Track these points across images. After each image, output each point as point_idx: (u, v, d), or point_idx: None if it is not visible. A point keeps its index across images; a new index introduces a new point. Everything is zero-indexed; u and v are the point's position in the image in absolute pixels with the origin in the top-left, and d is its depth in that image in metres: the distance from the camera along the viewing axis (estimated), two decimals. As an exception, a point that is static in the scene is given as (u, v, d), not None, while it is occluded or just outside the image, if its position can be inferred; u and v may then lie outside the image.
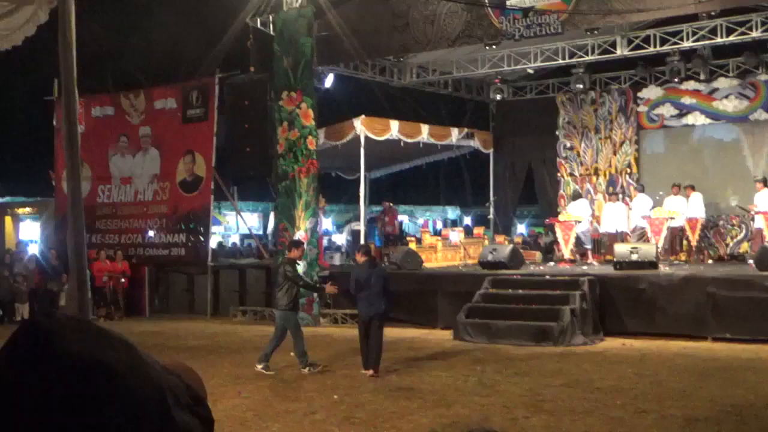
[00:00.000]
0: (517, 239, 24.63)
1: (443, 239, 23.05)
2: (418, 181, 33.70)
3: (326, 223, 28.69)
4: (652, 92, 23.21)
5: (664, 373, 12.25)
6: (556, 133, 24.61)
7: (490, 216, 25.78)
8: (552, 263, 21.46)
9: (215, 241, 27.53)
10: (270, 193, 23.10)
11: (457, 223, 39.17)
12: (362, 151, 20.63)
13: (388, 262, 20.11)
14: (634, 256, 17.54)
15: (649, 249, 17.91)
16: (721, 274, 16.46)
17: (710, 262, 20.91)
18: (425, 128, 22.21)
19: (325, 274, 19.84)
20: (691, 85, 22.42)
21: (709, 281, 15.98)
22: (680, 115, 22.83)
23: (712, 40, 19.57)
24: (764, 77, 21.60)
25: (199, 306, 21.95)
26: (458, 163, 29.87)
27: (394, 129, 21.11)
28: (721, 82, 22.18)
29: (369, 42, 20.01)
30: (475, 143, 24.52)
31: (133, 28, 29.70)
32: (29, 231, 26.62)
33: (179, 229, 22.46)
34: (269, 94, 20.34)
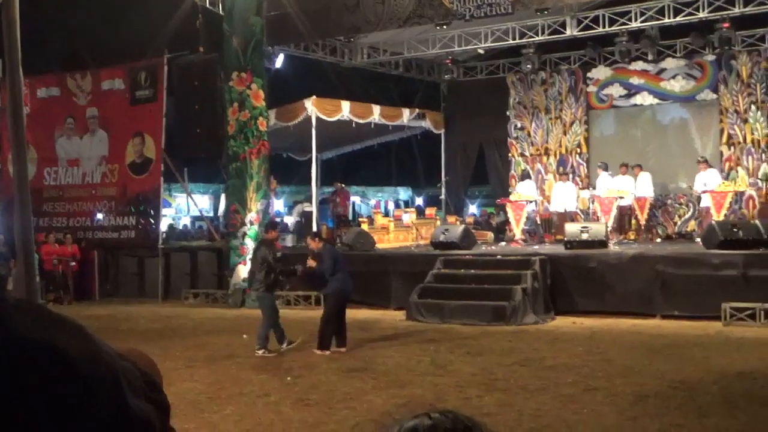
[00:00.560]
0: (469, 219, 24.73)
1: (395, 220, 23.07)
2: (369, 161, 33.68)
3: (278, 205, 28.54)
4: (601, 72, 23.39)
5: (614, 351, 12.41)
6: (507, 113, 24.70)
7: (442, 196, 25.86)
8: (503, 243, 21.59)
9: (166, 223, 27.29)
10: (221, 175, 22.97)
11: (408, 204, 39.25)
12: (314, 132, 20.56)
13: (341, 244, 20.08)
14: (585, 236, 17.72)
15: (599, 228, 18.09)
16: (669, 253, 16.68)
17: (659, 240, 21.18)
18: (376, 109, 22.18)
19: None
20: (639, 65, 22.64)
21: (658, 259, 16.19)
22: (629, 95, 23.04)
23: (660, 20, 19.76)
24: (711, 58, 21.85)
25: (150, 289, 21.77)
26: (410, 144, 29.89)
27: (346, 110, 21.06)
28: (669, 63, 22.41)
29: (319, 22, 19.90)
30: (427, 124, 24.55)
31: (79, 6, 29.19)
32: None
33: (129, 212, 22.23)
34: (219, 74, 20.16)
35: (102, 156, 22.84)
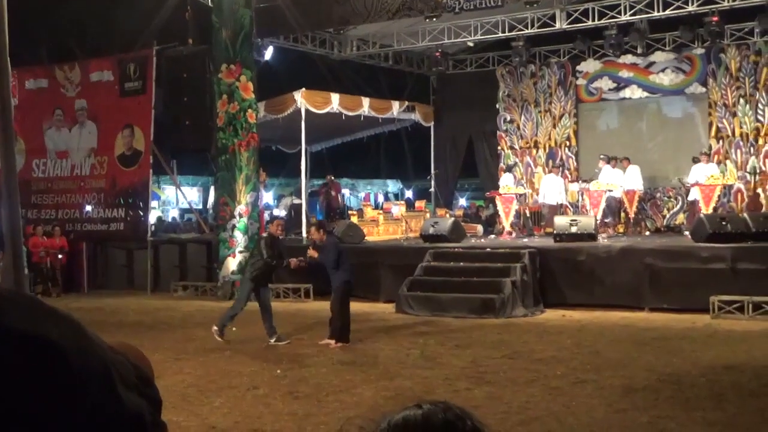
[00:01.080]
0: (458, 212, 24.77)
1: (385, 213, 23.08)
2: (359, 154, 33.60)
3: (267, 197, 28.52)
4: (590, 66, 23.43)
5: (603, 344, 12.44)
6: (497, 106, 24.72)
7: (432, 189, 25.86)
8: (493, 236, 21.63)
9: (155, 215, 27.23)
10: (210, 167, 22.91)
11: (398, 197, 39.25)
12: (303, 125, 20.52)
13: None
14: (574, 228, 17.76)
15: (588, 221, 18.13)
16: (657, 246, 16.72)
17: (647, 233, 21.24)
18: (366, 101, 22.16)
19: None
20: (628, 58, 22.67)
21: (647, 253, 16.24)
22: (618, 89, 23.09)
23: (649, 13, 19.79)
24: (700, 51, 21.90)
25: (139, 281, 21.72)
26: (399, 137, 29.85)
27: (335, 102, 21.03)
28: (658, 56, 22.46)
29: (309, 14, 19.87)
30: (416, 116, 24.54)
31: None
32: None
33: (118, 204, 22.16)
34: (208, 66, 20.09)
35: (91, 148, 22.76)
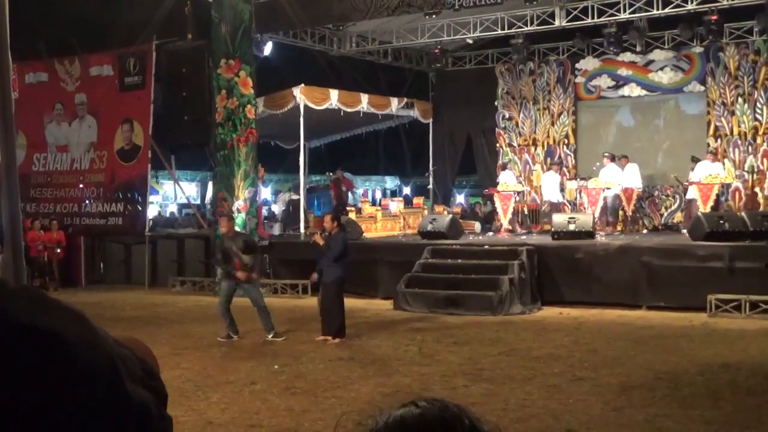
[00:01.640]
0: (456, 209, 24.78)
1: (383, 209, 23.09)
2: (357, 150, 33.58)
3: (265, 193, 28.52)
4: (589, 63, 23.42)
5: (600, 341, 12.46)
6: (495, 103, 24.71)
7: (430, 186, 25.87)
8: (491, 233, 21.63)
9: (154, 210, 27.24)
10: (208, 162, 22.90)
11: (396, 193, 39.25)
12: (302, 120, 20.52)
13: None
14: (572, 226, 17.77)
15: (586, 219, 18.14)
16: (655, 244, 16.74)
17: (645, 231, 21.25)
18: (365, 98, 22.16)
19: (264, 243, 19.78)
20: (627, 56, 22.66)
21: (644, 251, 16.26)
22: (617, 87, 23.09)
23: (648, 12, 19.77)
24: (698, 50, 21.90)
25: (137, 276, 21.72)
26: (397, 133, 29.86)
27: (334, 98, 21.04)
28: (657, 54, 22.45)
29: (308, 9, 19.86)
30: (415, 113, 24.55)
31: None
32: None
33: (116, 199, 22.13)
34: (207, 61, 20.07)
35: (90, 142, 22.74)
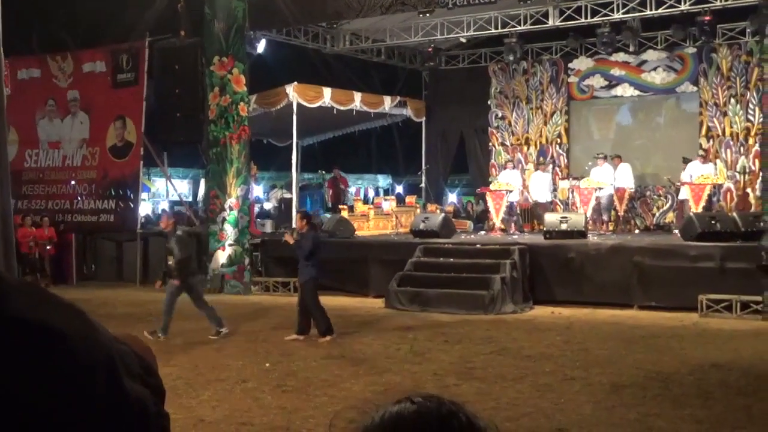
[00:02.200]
0: (449, 208, 24.76)
1: (375, 207, 23.08)
2: (349, 148, 33.61)
3: (257, 190, 28.48)
4: (582, 63, 23.43)
5: (592, 341, 12.48)
6: (488, 102, 24.70)
7: (422, 185, 25.86)
8: (483, 232, 21.65)
9: (147, 207, 27.19)
10: (200, 160, 22.85)
11: (389, 192, 39.20)
12: (294, 118, 20.50)
13: (321, 230, 20.07)
14: (564, 226, 17.79)
15: (578, 218, 18.17)
16: (647, 244, 16.77)
17: (637, 231, 21.29)
18: (358, 96, 22.15)
19: (256, 241, 19.80)
20: (620, 57, 22.68)
21: (636, 251, 16.29)
22: (609, 87, 23.10)
23: (642, 12, 19.79)
24: (691, 50, 21.92)
25: (128, 273, 21.68)
26: (390, 132, 29.88)
27: (327, 96, 21.02)
28: (650, 55, 22.47)
29: (302, 7, 19.84)
30: (408, 112, 24.54)
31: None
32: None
33: (108, 196, 22.10)
34: (200, 59, 20.04)
35: (83, 139, 22.69)
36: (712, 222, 16.30)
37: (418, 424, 1.10)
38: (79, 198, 22.60)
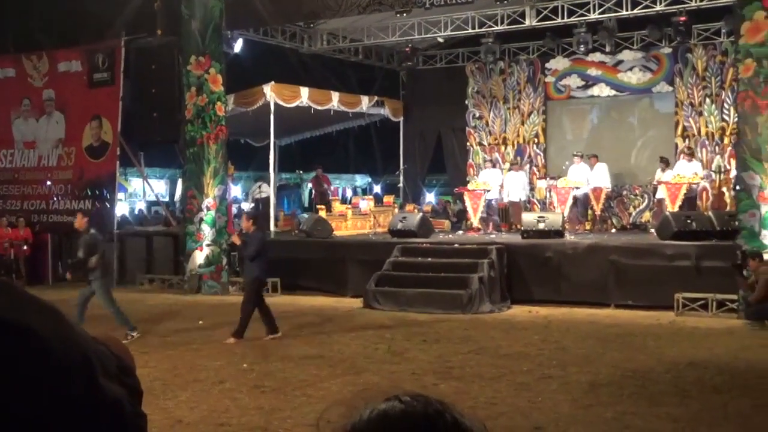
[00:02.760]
0: (427, 208, 24.80)
1: (353, 207, 23.06)
2: (327, 148, 33.56)
3: (235, 191, 28.41)
4: (559, 63, 23.52)
5: (569, 340, 12.53)
6: (466, 102, 24.76)
7: (400, 184, 25.89)
8: (461, 232, 21.69)
9: (124, 208, 27.04)
10: (178, 160, 22.76)
11: (366, 192, 39.21)
12: (272, 118, 20.46)
13: (299, 230, 20.06)
14: (541, 225, 17.85)
15: (555, 218, 18.23)
16: (623, 243, 16.87)
17: (613, 231, 21.39)
18: (335, 96, 22.15)
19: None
20: (596, 57, 22.78)
21: (612, 250, 16.37)
22: (586, 87, 23.21)
23: (618, 12, 19.90)
24: (667, 50, 22.06)
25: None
26: (368, 131, 29.87)
27: (304, 96, 21.01)
28: (626, 55, 22.59)
29: (279, 7, 19.78)
30: (386, 111, 24.56)
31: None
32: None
33: (85, 196, 21.94)
34: (177, 58, 19.96)
35: (58, 139, 22.53)
36: (688, 221, 16.41)
37: (404, 423, 1.10)
38: (54, 198, 22.44)
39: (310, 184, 26.34)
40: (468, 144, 24.80)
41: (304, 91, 21.08)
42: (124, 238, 21.91)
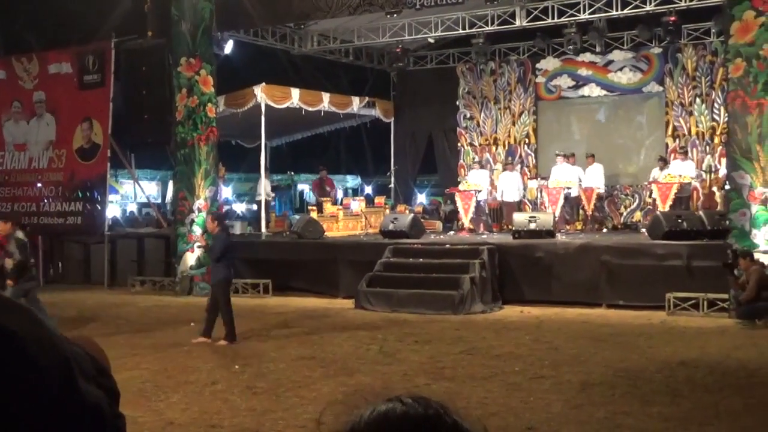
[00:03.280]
0: (418, 208, 24.79)
1: (344, 208, 23.04)
2: (318, 149, 33.51)
3: (226, 192, 28.36)
4: (549, 63, 23.55)
5: (561, 340, 12.54)
6: (457, 103, 24.78)
7: (391, 185, 25.87)
8: (452, 232, 21.69)
9: (116, 210, 26.98)
10: (168, 161, 22.72)
11: (358, 192, 39.19)
12: (263, 119, 20.44)
13: (290, 232, 20.05)
14: (532, 225, 17.86)
15: (546, 218, 18.24)
16: (615, 243, 16.90)
17: (605, 231, 21.41)
18: (326, 97, 22.13)
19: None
20: (587, 57, 22.82)
21: (604, 250, 16.39)
22: (577, 87, 23.24)
23: (608, 12, 19.93)
24: (657, 50, 22.11)
25: (96, 276, 21.52)
26: (359, 132, 29.82)
27: (295, 97, 20.99)
28: (616, 55, 22.63)
29: (269, 8, 19.78)
30: (376, 112, 24.55)
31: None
32: None
33: (75, 198, 21.90)
34: (167, 59, 19.93)
35: (49, 141, 22.47)
36: (679, 221, 16.44)
37: (404, 425, 1.10)
38: (45, 200, 22.38)
39: (308, 186, 26.20)
40: (459, 144, 24.82)
41: (295, 92, 21.06)
42: (115, 240, 21.87)
